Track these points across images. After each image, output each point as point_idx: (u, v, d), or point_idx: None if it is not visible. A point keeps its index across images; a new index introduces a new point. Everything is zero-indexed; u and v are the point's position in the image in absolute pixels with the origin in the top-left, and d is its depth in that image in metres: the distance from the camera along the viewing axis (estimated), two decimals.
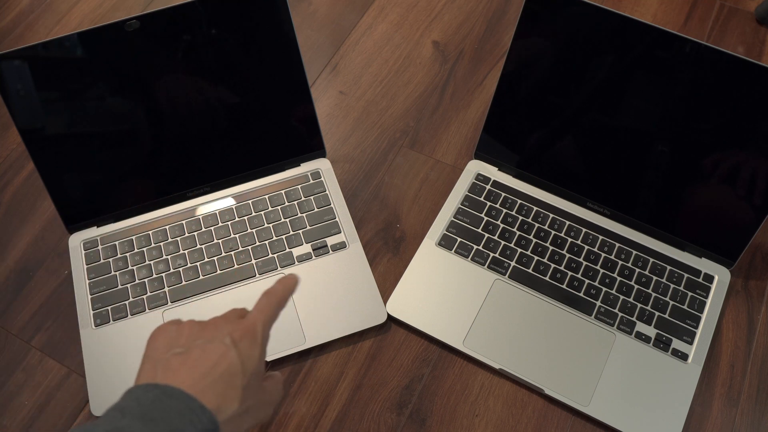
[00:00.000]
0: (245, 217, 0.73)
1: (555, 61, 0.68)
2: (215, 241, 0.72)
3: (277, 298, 0.50)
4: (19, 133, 0.66)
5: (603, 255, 0.70)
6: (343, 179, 0.78)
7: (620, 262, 0.70)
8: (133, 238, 0.72)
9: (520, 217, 0.73)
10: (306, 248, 0.71)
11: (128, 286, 0.69)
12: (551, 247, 0.71)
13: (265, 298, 0.50)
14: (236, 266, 0.70)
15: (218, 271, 0.70)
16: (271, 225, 0.72)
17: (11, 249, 0.75)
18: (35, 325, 0.70)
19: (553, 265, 0.70)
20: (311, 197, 0.74)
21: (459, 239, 0.71)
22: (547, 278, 0.69)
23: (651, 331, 0.66)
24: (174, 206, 0.74)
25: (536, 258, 0.70)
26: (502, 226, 0.72)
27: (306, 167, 0.76)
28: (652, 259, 0.70)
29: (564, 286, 0.68)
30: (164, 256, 0.71)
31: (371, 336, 0.68)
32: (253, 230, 0.72)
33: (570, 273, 0.69)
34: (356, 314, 0.67)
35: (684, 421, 0.62)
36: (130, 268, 0.70)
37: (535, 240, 0.71)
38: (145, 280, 0.70)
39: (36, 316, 0.70)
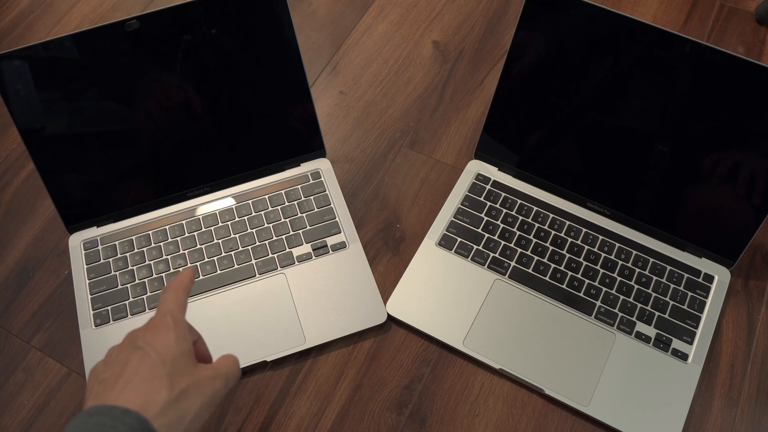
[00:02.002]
0: (245, 217, 0.73)
1: (555, 61, 0.68)
2: (215, 241, 0.72)
3: (175, 286, 0.51)
4: (19, 133, 0.66)
5: (603, 255, 0.70)
6: (343, 179, 0.78)
7: (620, 262, 0.70)
8: (133, 238, 0.72)
9: (520, 217, 0.73)
10: (306, 248, 0.71)
11: (128, 286, 0.69)
12: (551, 247, 0.71)
13: (165, 292, 0.51)
14: (236, 266, 0.70)
15: (218, 271, 0.70)
16: (271, 225, 0.72)
17: (11, 249, 0.75)
18: (35, 325, 0.70)
19: (553, 265, 0.70)
20: (311, 197, 0.74)
21: (459, 239, 0.71)
22: (547, 278, 0.69)
23: (651, 331, 0.66)
24: (174, 206, 0.74)
25: (536, 258, 0.70)
26: (502, 226, 0.72)
27: (306, 167, 0.76)
28: (652, 259, 0.70)
29: (564, 286, 0.68)
30: (164, 256, 0.71)
31: (371, 336, 0.68)
32: (253, 230, 0.72)
33: (570, 273, 0.69)
34: (356, 314, 0.67)
35: (684, 421, 0.62)
36: (130, 268, 0.70)
37: (535, 240, 0.71)
38: (145, 280, 0.70)
39: (36, 316, 0.70)
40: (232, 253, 0.71)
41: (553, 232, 0.72)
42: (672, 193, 0.68)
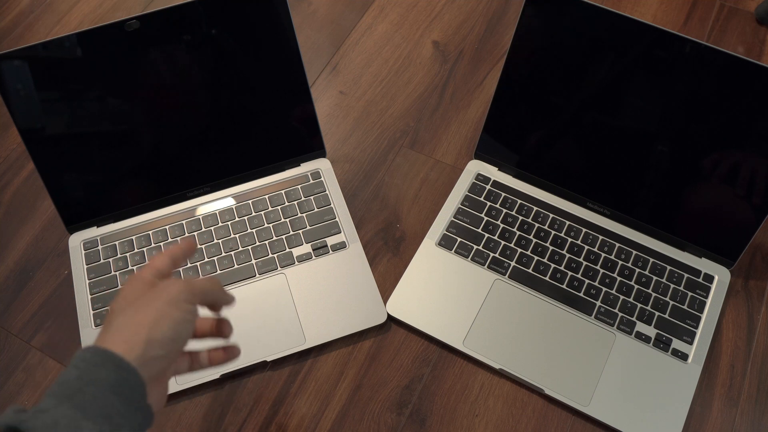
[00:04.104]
0: (245, 217, 0.73)
1: (555, 61, 0.68)
2: (215, 241, 0.72)
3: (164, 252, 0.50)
4: (19, 133, 0.66)
5: (603, 255, 0.70)
6: (343, 179, 0.78)
7: (620, 262, 0.70)
8: (133, 238, 0.72)
9: (520, 217, 0.73)
10: (306, 248, 0.71)
11: None
12: (551, 247, 0.71)
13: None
14: (236, 266, 0.70)
15: (218, 271, 0.70)
16: (271, 225, 0.72)
17: (11, 249, 0.75)
18: (35, 325, 0.70)
19: (553, 265, 0.70)
20: (311, 197, 0.74)
21: (459, 239, 0.71)
22: (547, 278, 0.69)
23: (651, 331, 0.66)
24: (174, 206, 0.74)
25: (536, 258, 0.70)
26: (502, 226, 0.72)
27: (306, 167, 0.76)
28: (652, 259, 0.70)
29: (564, 286, 0.68)
30: None
31: (371, 336, 0.68)
32: (253, 230, 0.72)
33: (570, 273, 0.69)
34: (356, 314, 0.67)
35: (684, 421, 0.62)
36: (130, 268, 0.70)
37: (535, 240, 0.71)
38: None
39: (36, 316, 0.70)
40: (232, 253, 0.71)
41: (553, 232, 0.72)
42: (672, 193, 0.68)
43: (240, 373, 0.66)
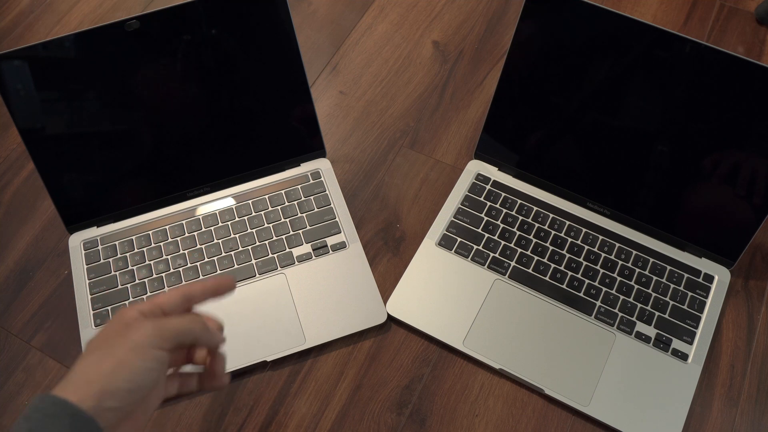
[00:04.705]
0: (245, 217, 0.73)
1: (555, 61, 0.68)
2: (215, 241, 0.72)
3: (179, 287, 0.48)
4: (19, 133, 0.66)
5: (603, 255, 0.70)
6: (343, 179, 0.78)
7: (620, 262, 0.70)
8: (133, 238, 0.72)
9: (520, 217, 0.73)
10: (306, 248, 0.71)
11: (128, 286, 0.69)
12: (551, 247, 0.71)
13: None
14: (236, 266, 0.70)
15: (218, 271, 0.70)
16: (271, 225, 0.72)
17: (11, 249, 0.75)
18: (35, 325, 0.70)
19: (553, 265, 0.70)
20: (311, 197, 0.74)
21: (459, 239, 0.71)
22: (547, 278, 0.69)
23: (651, 331, 0.66)
24: (174, 206, 0.74)
25: (536, 258, 0.70)
26: (502, 226, 0.72)
27: (306, 167, 0.76)
28: (652, 259, 0.70)
29: (564, 286, 0.68)
30: (164, 256, 0.71)
31: (371, 336, 0.68)
32: (253, 230, 0.72)
33: (570, 273, 0.69)
34: (356, 314, 0.67)
35: (684, 421, 0.62)
36: (130, 268, 0.70)
37: (535, 240, 0.71)
38: (145, 280, 0.70)
39: (36, 316, 0.70)
40: (232, 253, 0.71)
41: (553, 232, 0.72)
42: (672, 193, 0.68)
43: (240, 373, 0.66)
